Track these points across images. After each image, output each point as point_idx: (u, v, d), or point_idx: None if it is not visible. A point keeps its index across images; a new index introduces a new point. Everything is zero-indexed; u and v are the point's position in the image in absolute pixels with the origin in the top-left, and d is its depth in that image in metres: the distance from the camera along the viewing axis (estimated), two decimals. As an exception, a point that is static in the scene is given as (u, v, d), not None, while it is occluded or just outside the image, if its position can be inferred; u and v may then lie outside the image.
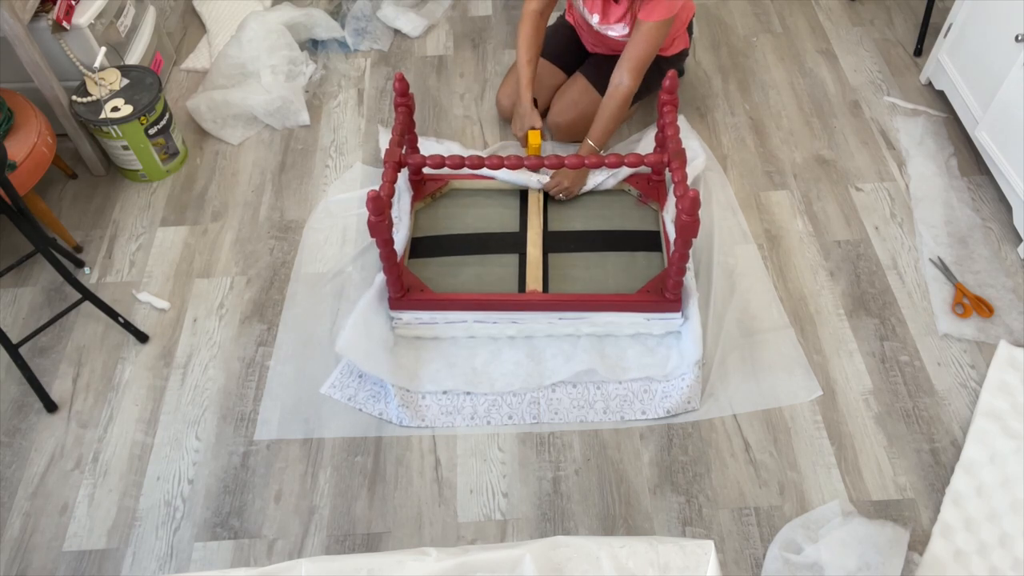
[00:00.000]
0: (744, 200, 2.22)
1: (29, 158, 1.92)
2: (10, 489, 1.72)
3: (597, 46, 2.26)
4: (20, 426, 1.82)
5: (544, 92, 2.29)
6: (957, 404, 1.79)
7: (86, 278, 2.09)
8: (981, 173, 2.24)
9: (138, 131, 2.17)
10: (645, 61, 1.99)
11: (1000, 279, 2.00)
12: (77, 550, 1.63)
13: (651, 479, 1.70)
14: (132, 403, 1.85)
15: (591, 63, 2.25)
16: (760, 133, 2.40)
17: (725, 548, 1.60)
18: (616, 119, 2.03)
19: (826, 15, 2.79)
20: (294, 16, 2.64)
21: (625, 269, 1.96)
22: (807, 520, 1.61)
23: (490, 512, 1.66)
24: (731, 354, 1.88)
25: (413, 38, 2.78)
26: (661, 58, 2.18)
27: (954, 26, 2.28)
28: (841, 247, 2.10)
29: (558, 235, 2.04)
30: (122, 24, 2.33)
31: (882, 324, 1.94)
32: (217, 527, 1.66)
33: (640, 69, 1.99)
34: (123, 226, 2.22)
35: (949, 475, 1.67)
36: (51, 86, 2.08)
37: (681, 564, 0.99)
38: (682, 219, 1.65)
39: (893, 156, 2.32)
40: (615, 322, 1.85)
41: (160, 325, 1.99)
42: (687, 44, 2.29)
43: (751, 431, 1.76)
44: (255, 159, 2.39)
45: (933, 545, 1.57)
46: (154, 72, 2.26)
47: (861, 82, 2.54)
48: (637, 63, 1.98)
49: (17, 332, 1.96)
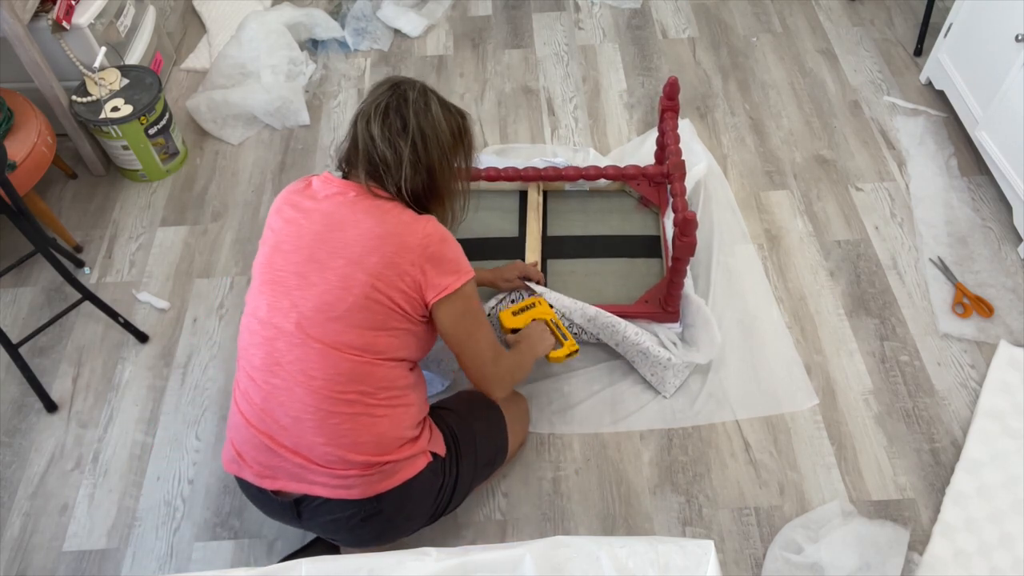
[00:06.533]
0: (744, 200, 2.22)
1: (29, 158, 1.92)
2: (10, 489, 1.72)
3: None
4: (20, 426, 1.82)
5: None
6: (957, 404, 1.79)
7: (86, 278, 2.09)
8: (981, 173, 2.24)
9: (138, 131, 2.17)
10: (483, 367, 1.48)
11: (1000, 279, 2.00)
12: (77, 550, 1.63)
13: (651, 479, 1.70)
14: (132, 403, 1.85)
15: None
16: (760, 133, 2.40)
17: (725, 548, 1.60)
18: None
19: (826, 15, 2.79)
20: (294, 16, 2.64)
21: (624, 276, 1.96)
22: (807, 520, 1.61)
23: (490, 512, 1.66)
24: (731, 355, 1.88)
25: (413, 38, 2.78)
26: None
27: (954, 26, 2.28)
28: (841, 247, 2.10)
29: (557, 240, 2.04)
30: (122, 24, 2.33)
31: (882, 324, 1.94)
32: (217, 527, 1.66)
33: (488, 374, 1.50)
34: (123, 226, 2.22)
35: (949, 475, 1.67)
36: (51, 86, 2.08)
37: (681, 564, 0.99)
38: (679, 240, 1.64)
39: (893, 156, 2.32)
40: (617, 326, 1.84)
41: (160, 325, 1.99)
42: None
43: (751, 431, 1.76)
44: (255, 159, 2.39)
45: (933, 545, 1.57)
46: (154, 72, 2.26)
47: (861, 82, 2.54)
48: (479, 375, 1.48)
49: (17, 332, 1.96)
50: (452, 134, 1.38)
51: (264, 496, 1.35)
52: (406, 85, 1.36)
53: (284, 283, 1.30)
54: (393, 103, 1.34)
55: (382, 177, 1.34)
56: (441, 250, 1.33)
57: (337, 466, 1.29)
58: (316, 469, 1.29)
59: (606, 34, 2.76)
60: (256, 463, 1.32)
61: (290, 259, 1.31)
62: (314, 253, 1.30)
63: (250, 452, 1.32)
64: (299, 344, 1.27)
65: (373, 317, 1.28)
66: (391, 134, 1.32)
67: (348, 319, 1.27)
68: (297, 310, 1.28)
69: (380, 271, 1.28)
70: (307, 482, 1.30)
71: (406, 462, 1.33)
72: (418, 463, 1.35)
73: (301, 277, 1.29)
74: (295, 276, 1.30)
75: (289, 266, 1.31)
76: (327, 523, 1.35)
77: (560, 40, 2.75)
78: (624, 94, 2.55)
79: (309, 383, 1.27)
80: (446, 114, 1.38)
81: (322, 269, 1.29)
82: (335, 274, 1.28)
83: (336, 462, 1.29)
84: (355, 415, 1.28)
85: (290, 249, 1.32)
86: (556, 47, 2.72)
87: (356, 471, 1.29)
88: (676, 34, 2.75)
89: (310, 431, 1.28)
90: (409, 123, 1.33)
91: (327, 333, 1.27)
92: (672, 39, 2.73)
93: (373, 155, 1.33)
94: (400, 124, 1.33)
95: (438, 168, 1.36)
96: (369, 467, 1.30)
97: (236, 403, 1.36)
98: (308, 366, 1.27)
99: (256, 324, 1.32)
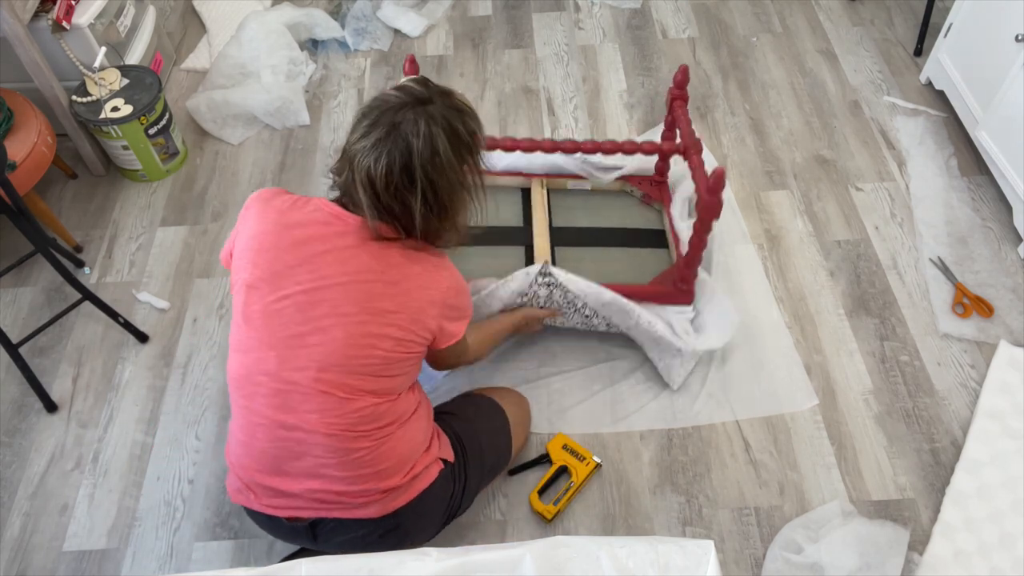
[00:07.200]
0: (744, 200, 2.22)
1: (29, 158, 1.92)
2: (10, 489, 1.72)
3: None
4: (20, 426, 1.82)
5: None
6: (957, 404, 1.79)
7: (86, 278, 2.09)
8: (981, 173, 2.24)
9: (138, 131, 2.17)
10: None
11: (1000, 279, 2.00)
12: (77, 550, 1.63)
13: (651, 479, 1.70)
14: (132, 403, 1.85)
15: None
16: (760, 133, 2.40)
17: (725, 548, 1.60)
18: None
19: (826, 15, 2.79)
20: (294, 16, 2.64)
21: (632, 265, 1.94)
22: (807, 520, 1.61)
23: (490, 512, 1.66)
24: (731, 355, 1.88)
25: (413, 38, 2.78)
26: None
27: (954, 26, 2.28)
28: (841, 247, 2.10)
29: (563, 231, 2.03)
30: (122, 24, 2.33)
31: (882, 324, 1.94)
32: (217, 527, 1.66)
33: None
34: (123, 226, 2.22)
35: (949, 475, 1.67)
36: (51, 86, 2.08)
37: (681, 564, 0.99)
38: (704, 199, 1.57)
39: (893, 156, 2.32)
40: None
41: (160, 325, 1.99)
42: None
43: (751, 431, 1.76)
44: (255, 159, 2.39)
45: (933, 545, 1.57)
46: (154, 72, 2.26)
47: (861, 82, 2.54)
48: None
49: (17, 332, 1.96)
50: (461, 157, 1.25)
51: (274, 521, 1.32)
52: (406, 125, 1.18)
53: (300, 337, 1.21)
54: (396, 157, 1.18)
55: (389, 221, 1.24)
56: (457, 301, 1.31)
57: (359, 495, 1.28)
58: (333, 497, 1.27)
59: (606, 34, 2.76)
60: (267, 496, 1.30)
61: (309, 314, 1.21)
62: (337, 307, 1.20)
63: (260, 486, 1.29)
64: (319, 396, 1.22)
65: (391, 367, 1.25)
66: (398, 189, 1.20)
67: (371, 371, 1.23)
68: (315, 364, 1.20)
69: (407, 326, 1.24)
70: (324, 509, 1.29)
71: (421, 474, 1.33)
72: (431, 472, 1.35)
73: (321, 331, 1.20)
74: (316, 331, 1.21)
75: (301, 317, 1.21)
76: (343, 542, 1.33)
77: (560, 40, 2.75)
78: (624, 94, 2.55)
79: (327, 436, 1.23)
80: (454, 142, 1.22)
81: (347, 323, 1.20)
82: (359, 327, 1.21)
83: (359, 493, 1.27)
84: (379, 444, 1.26)
85: (304, 300, 1.21)
86: (556, 47, 2.72)
87: (375, 495, 1.28)
88: (676, 34, 2.75)
89: (332, 469, 1.25)
90: (416, 177, 1.19)
91: (349, 382, 1.22)
92: (672, 39, 2.73)
93: (378, 206, 1.22)
94: (407, 180, 1.19)
95: (449, 203, 1.26)
96: (390, 489, 1.29)
97: (238, 439, 1.30)
98: (327, 417, 1.22)
99: (262, 377, 1.23)
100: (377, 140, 1.19)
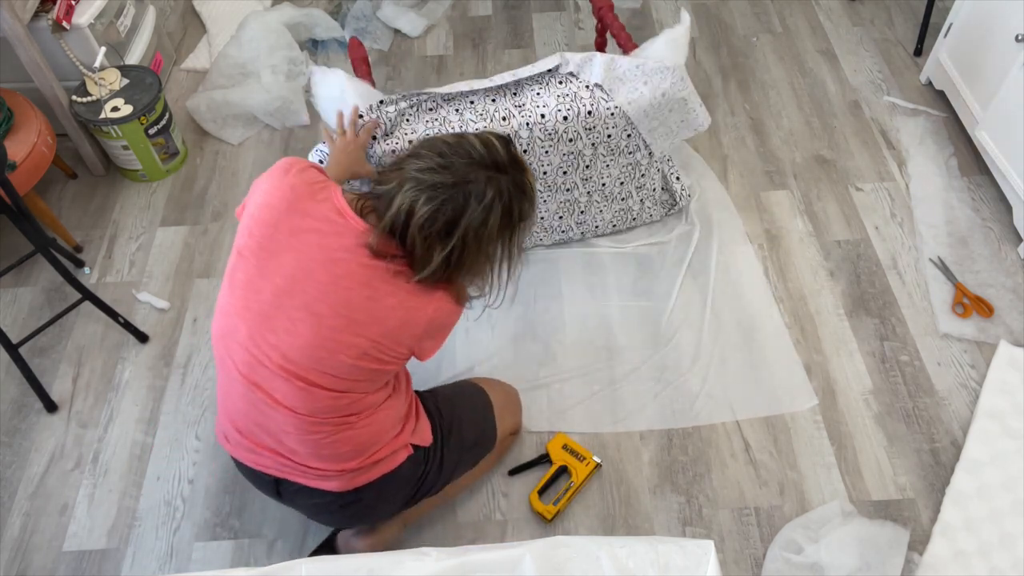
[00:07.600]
0: (744, 200, 2.22)
1: (29, 158, 1.92)
2: (10, 489, 1.72)
3: None
4: (20, 426, 1.82)
5: None
6: (957, 404, 1.79)
7: (86, 278, 2.09)
8: (981, 173, 2.24)
9: (138, 131, 2.17)
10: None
11: (1000, 279, 2.00)
12: (77, 550, 1.63)
13: (651, 479, 1.70)
14: (132, 403, 1.85)
15: None
16: (760, 133, 2.40)
17: (725, 548, 1.60)
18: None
19: (826, 15, 2.79)
20: (294, 16, 2.64)
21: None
22: (807, 520, 1.61)
23: (490, 512, 1.66)
24: (731, 355, 1.88)
25: (413, 38, 2.78)
26: None
27: (954, 26, 2.28)
28: (841, 247, 2.10)
29: None
30: (122, 24, 2.33)
31: (882, 324, 1.94)
32: (217, 527, 1.66)
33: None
34: (123, 226, 2.22)
35: (949, 475, 1.67)
36: (51, 86, 2.08)
37: (681, 564, 0.99)
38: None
39: (893, 156, 2.32)
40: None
41: (160, 325, 1.99)
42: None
43: (751, 431, 1.76)
44: (255, 159, 2.39)
45: (933, 545, 1.57)
46: (154, 72, 2.26)
47: (861, 82, 2.54)
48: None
49: (17, 332, 1.96)
50: (503, 234, 1.23)
51: (250, 469, 1.37)
52: (474, 187, 1.17)
53: (269, 320, 1.20)
54: (448, 210, 1.16)
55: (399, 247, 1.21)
56: (442, 324, 1.29)
57: (318, 470, 1.31)
58: (295, 465, 1.31)
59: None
60: (240, 448, 1.35)
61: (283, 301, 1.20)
62: (311, 304, 1.19)
63: (234, 436, 1.35)
64: (282, 379, 1.21)
65: (359, 372, 1.23)
66: (431, 236, 1.17)
67: (334, 372, 1.21)
68: (279, 352, 1.20)
69: (379, 341, 1.21)
70: (287, 471, 1.33)
71: (386, 459, 1.34)
72: (398, 458, 1.36)
73: (291, 322, 1.19)
74: (286, 319, 1.19)
75: (275, 301, 1.20)
76: (307, 505, 1.39)
77: (560, 40, 2.75)
78: (624, 94, 2.54)
79: (289, 411, 1.24)
80: (505, 220, 1.21)
81: (317, 324, 1.19)
82: (329, 332, 1.19)
83: (318, 468, 1.31)
84: (336, 431, 1.27)
85: (283, 285, 1.20)
86: (556, 47, 2.72)
87: (335, 471, 1.31)
88: (676, 34, 2.74)
89: (292, 440, 1.28)
90: (455, 235, 1.17)
91: (311, 377, 1.21)
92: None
93: (402, 233, 1.18)
94: (444, 232, 1.17)
95: (468, 267, 1.24)
96: (349, 470, 1.31)
97: (222, 387, 1.32)
98: (288, 399, 1.23)
99: (234, 344, 1.24)
100: (438, 184, 1.17)
